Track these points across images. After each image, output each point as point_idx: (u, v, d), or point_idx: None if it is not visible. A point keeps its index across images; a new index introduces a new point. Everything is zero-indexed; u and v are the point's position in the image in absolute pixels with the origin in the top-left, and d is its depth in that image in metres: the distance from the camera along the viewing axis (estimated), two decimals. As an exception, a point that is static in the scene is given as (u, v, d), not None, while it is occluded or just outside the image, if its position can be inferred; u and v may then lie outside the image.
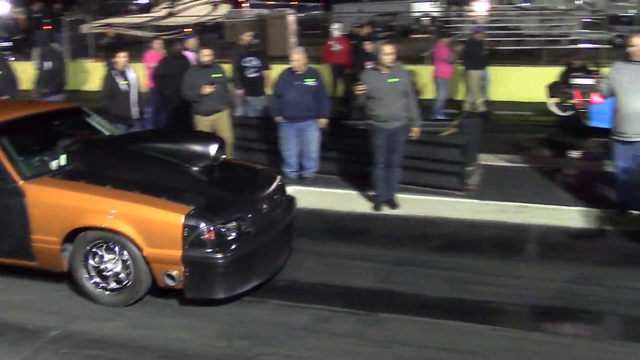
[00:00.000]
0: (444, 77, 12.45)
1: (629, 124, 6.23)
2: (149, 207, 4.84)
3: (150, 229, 4.78)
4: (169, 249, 4.73)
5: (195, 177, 5.35)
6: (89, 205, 4.94)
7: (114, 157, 5.59)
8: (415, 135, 7.07)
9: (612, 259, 5.84)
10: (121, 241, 4.85)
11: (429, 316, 4.82)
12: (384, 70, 6.88)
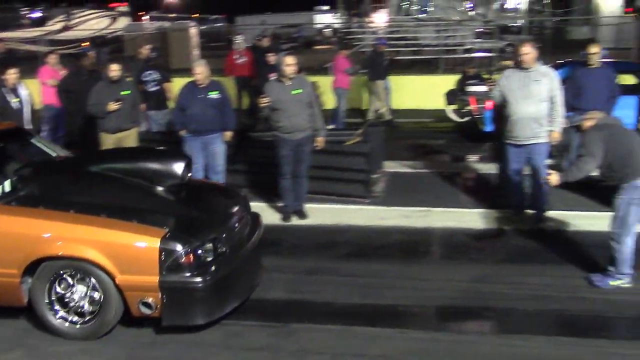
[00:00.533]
0: (343, 88, 12.66)
1: (521, 128, 6.54)
2: (120, 232, 4.54)
3: (123, 255, 4.49)
4: (145, 275, 4.46)
5: (163, 198, 5.04)
6: (52, 233, 4.56)
7: (72, 180, 5.16)
8: (320, 145, 7.16)
9: (510, 257, 6.13)
10: (91, 270, 4.52)
11: (340, 323, 4.88)
12: (287, 82, 6.92)
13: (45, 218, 4.63)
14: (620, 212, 5.23)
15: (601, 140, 5.20)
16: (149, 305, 4.51)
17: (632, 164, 5.17)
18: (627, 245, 5.23)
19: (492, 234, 6.76)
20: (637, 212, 5.20)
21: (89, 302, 4.62)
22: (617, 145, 5.21)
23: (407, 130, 12.72)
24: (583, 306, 5.04)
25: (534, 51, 6.50)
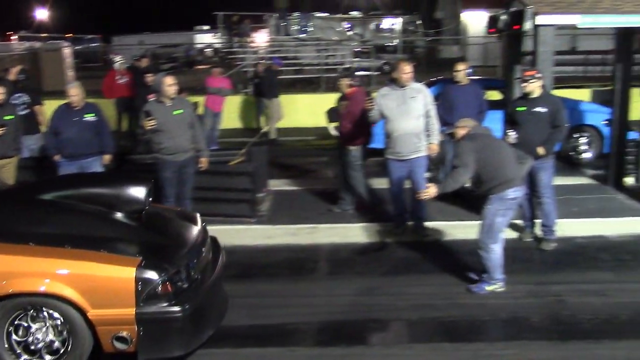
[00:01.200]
0: (212, 109, 12.28)
1: (402, 144, 6.78)
2: (90, 263, 4.19)
3: (95, 288, 4.15)
4: (120, 308, 4.14)
5: (127, 224, 4.71)
6: (11, 269, 4.14)
7: (24, 210, 4.71)
8: (204, 165, 7.08)
9: (394, 268, 6.32)
10: (56, 305, 4.15)
11: (230, 346, 4.83)
12: (168, 103, 6.81)
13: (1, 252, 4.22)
14: (487, 220, 5.53)
15: (473, 150, 5.46)
16: (123, 339, 4.20)
17: (501, 175, 5.47)
18: (495, 253, 5.54)
19: (376, 247, 6.94)
20: (503, 222, 5.54)
21: (52, 341, 4.24)
22: (488, 156, 5.49)
23: (291, 149, 12.86)
24: (462, 312, 5.29)
25: (411, 69, 6.78)
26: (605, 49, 18.84)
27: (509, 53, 9.13)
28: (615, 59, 8.92)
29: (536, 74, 6.52)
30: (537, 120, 6.45)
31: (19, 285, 4.13)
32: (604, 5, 7.51)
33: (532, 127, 6.45)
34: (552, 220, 6.73)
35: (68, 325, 4.20)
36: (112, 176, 6.21)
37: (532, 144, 6.39)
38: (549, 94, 6.78)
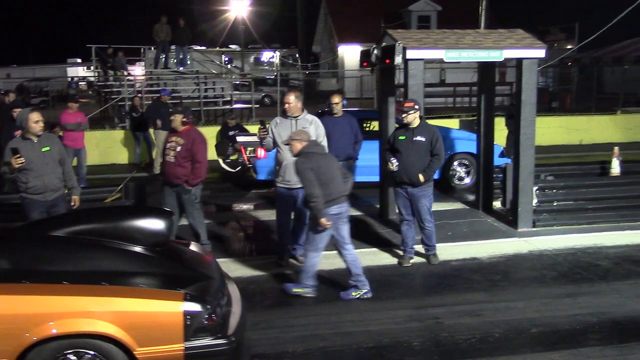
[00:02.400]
0: (73, 146, 11.32)
1: (291, 173, 6.78)
2: (134, 299, 3.95)
3: (140, 325, 3.90)
4: (168, 344, 3.92)
5: (154, 258, 4.45)
6: (50, 310, 3.79)
7: (45, 249, 4.35)
8: (76, 204, 6.74)
9: (278, 301, 6.28)
10: (99, 346, 3.86)
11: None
12: (35, 139, 6.45)
13: (35, 293, 3.88)
14: (311, 232, 6.12)
15: (309, 168, 5.88)
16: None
17: (327, 192, 5.90)
18: (311, 260, 6.11)
19: (260, 280, 6.88)
20: (325, 235, 6.04)
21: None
22: (320, 173, 5.91)
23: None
24: (348, 340, 5.32)
25: (298, 100, 6.90)
26: (471, 82, 20.12)
27: (382, 85, 9.50)
28: (479, 90, 9.53)
29: (415, 105, 6.88)
30: (417, 148, 6.87)
31: (59, 327, 3.82)
32: (466, 42, 8.01)
33: (413, 155, 6.86)
34: (434, 241, 7.21)
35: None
36: (131, 210, 5.90)
37: (414, 171, 6.84)
38: (427, 124, 7.16)
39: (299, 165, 5.95)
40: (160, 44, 19.97)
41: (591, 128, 17.95)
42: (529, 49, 8.02)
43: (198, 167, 7.14)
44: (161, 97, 13.91)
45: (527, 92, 8.10)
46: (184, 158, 7.11)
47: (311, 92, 25.67)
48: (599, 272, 6.82)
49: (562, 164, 10.95)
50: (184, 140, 7.15)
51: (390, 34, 8.21)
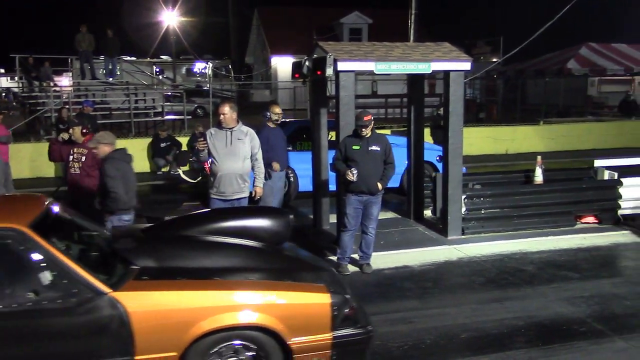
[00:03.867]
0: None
1: (226, 184, 6.80)
2: (288, 292, 4.21)
3: (293, 316, 4.13)
4: (317, 334, 4.16)
5: (283, 255, 4.95)
6: (212, 304, 3.99)
7: (182, 248, 4.65)
8: None
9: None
10: (256, 337, 4.07)
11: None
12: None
13: (196, 289, 4.09)
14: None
15: (116, 169, 6.09)
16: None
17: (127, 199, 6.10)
18: None
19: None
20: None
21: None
22: (124, 178, 6.13)
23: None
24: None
25: (233, 111, 6.86)
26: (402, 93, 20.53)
27: (315, 97, 9.57)
28: (409, 102, 9.74)
29: (372, 118, 7.03)
30: (373, 158, 7.01)
31: (223, 320, 4.00)
32: (395, 54, 8.19)
33: (370, 164, 6.99)
34: (372, 250, 7.31)
35: (265, 357, 4.13)
36: (253, 210, 6.10)
37: (372, 180, 6.98)
38: (378, 133, 7.30)
39: (110, 168, 6.09)
40: (83, 54, 19.50)
41: (516, 138, 18.63)
42: (455, 61, 8.27)
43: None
44: (84, 108, 13.59)
45: (454, 104, 8.34)
46: (90, 167, 7.02)
47: (244, 103, 25.58)
48: (524, 277, 7.07)
49: (489, 173, 11.30)
50: (87, 150, 7.07)
51: (321, 46, 8.30)
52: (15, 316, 3.77)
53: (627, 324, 5.72)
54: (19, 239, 3.92)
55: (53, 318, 3.82)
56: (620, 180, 9.19)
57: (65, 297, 3.85)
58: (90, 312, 3.85)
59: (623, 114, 22.01)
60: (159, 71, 30.75)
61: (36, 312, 3.81)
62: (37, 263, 3.90)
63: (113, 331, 3.87)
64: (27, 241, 3.92)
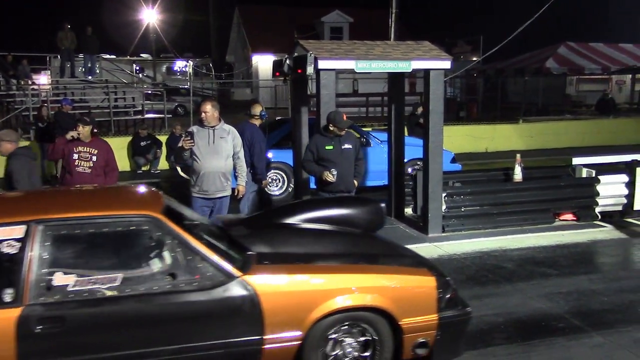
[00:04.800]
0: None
1: (208, 182, 6.76)
2: (397, 276, 4.49)
3: (405, 298, 4.39)
4: (425, 315, 4.41)
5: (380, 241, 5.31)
6: (333, 287, 4.25)
7: (290, 235, 5.07)
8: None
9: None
10: (371, 318, 4.31)
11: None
12: None
13: (316, 272, 4.36)
14: None
15: (23, 167, 6.24)
16: (424, 345, 4.44)
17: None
18: None
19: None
20: None
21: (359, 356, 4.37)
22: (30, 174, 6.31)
23: None
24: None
25: (215, 109, 6.83)
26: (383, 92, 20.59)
27: (295, 95, 9.57)
28: (389, 100, 9.78)
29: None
30: (347, 156, 7.04)
31: (344, 301, 4.23)
32: (376, 53, 8.21)
33: (345, 163, 7.02)
34: None
35: (378, 336, 4.35)
36: (350, 200, 6.42)
37: (350, 179, 7.05)
38: (349, 132, 7.28)
39: (15, 164, 6.26)
40: (65, 52, 19.29)
41: (496, 136, 18.78)
42: (436, 60, 8.32)
43: (114, 174, 7.19)
44: (63, 106, 13.45)
45: (434, 102, 8.38)
46: (101, 167, 7.04)
47: (225, 102, 25.49)
48: (504, 274, 7.13)
49: (469, 171, 11.38)
50: (97, 150, 7.03)
51: (302, 44, 8.30)
52: (156, 298, 3.97)
53: (604, 319, 5.79)
54: (155, 225, 4.13)
55: (190, 299, 4.03)
56: (597, 178, 9.30)
57: (200, 280, 4.07)
58: (224, 294, 4.07)
59: (600, 112, 22.29)
60: (138, 69, 30.56)
61: (175, 294, 4.01)
62: (173, 248, 4.12)
63: (245, 311, 4.10)
64: (162, 227, 4.14)
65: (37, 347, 3.74)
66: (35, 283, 3.81)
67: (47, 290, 3.82)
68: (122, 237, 4.12)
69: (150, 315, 3.97)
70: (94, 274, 3.94)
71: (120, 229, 4.11)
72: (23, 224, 3.92)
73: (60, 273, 3.89)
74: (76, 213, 4.15)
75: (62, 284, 3.86)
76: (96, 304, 3.86)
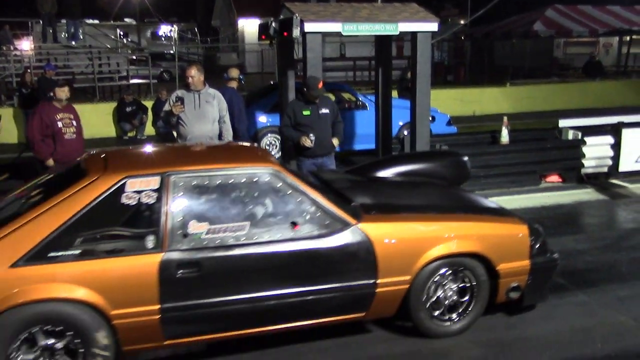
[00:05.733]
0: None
1: None
2: (494, 224, 4.82)
3: (501, 244, 4.71)
4: (519, 261, 4.75)
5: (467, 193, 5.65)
6: (437, 234, 4.58)
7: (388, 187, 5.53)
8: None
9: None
10: (470, 264, 4.66)
11: None
12: None
13: (420, 221, 4.66)
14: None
15: None
16: (517, 289, 4.79)
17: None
18: None
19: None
20: None
21: (460, 299, 4.72)
22: None
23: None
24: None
25: (200, 74, 6.77)
26: (370, 55, 20.46)
27: (282, 59, 9.49)
28: (376, 64, 9.72)
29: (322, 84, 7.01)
30: (324, 122, 7.00)
31: (448, 248, 4.55)
32: (362, 15, 8.14)
33: (323, 128, 6.99)
34: None
35: (475, 281, 4.69)
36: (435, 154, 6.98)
37: (326, 142, 7.01)
38: (324, 96, 7.23)
39: None
40: (46, 16, 18.91)
41: (483, 100, 18.75)
42: (423, 22, 8.26)
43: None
44: (46, 72, 13.25)
45: (421, 65, 8.35)
46: (81, 131, 7.05)
47: (211, 67, 25.24)
48: (490, 235, 7.19)
49: (457, 134, 11.39)
50: (73, 114, 7.04)
51: (288, 7, 8.20)
52: (280, 245, 4.26)
53: (588, 278, 5.89)
54: (276, 177, 4.42)
55: (310, 246, 4.30)
56: (583, 140, 9.35)
57: (320, 228, 4.33)
58: (341, 241, 4.34)
59: (587, 75, 22.29)
60: (123, 34, 30.12)
61: (296, 240, 4.28)
62: (294, 198, 4.38)
63: (361, 257, 4.36)
64: (283, 179, 4.42)
65: (177, 289, 4.02)
66: (173, 231, 4.07)
67: (184, 237, 4.09)
68: (247, 188, 4.36)
69: (275, 260, 4.26)
70: (223, 223, 4.21)
71: (245, 180, 4.35)
72: (157, 176, 4.16)
73: (194, 221, 4.13)
74: (204, 166, 4.40)
75: (196, 232, 4.11)
76: (227, 250, 4.13)
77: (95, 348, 3.89)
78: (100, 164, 4.35)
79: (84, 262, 3.89)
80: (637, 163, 9.57)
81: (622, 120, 9.52)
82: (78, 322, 3.84)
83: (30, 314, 3.77)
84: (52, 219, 3.88)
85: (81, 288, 3.83)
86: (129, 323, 3.94)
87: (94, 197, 3.99)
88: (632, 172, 9.53)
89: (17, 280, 3.74)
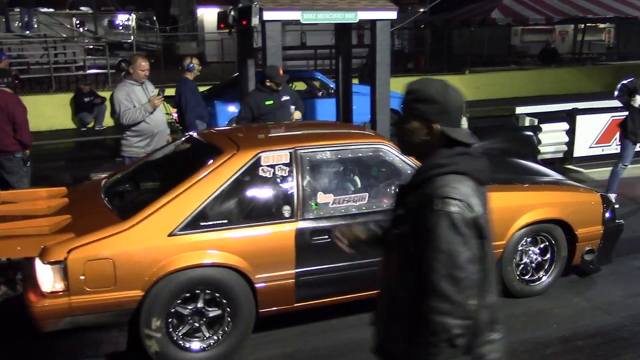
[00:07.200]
0: None
1: (161, 140, 6.62)
2: (573, 193, 5.50)
3: (580, 212, 5.27)
4: (594, 226, 5.36)
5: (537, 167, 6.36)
6: (526, 203, 5.13)
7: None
8: None
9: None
10: (552, 230, 5.22)
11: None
12: None
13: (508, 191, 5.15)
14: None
15: None
16: (591, 252, 5.41)
17: None
18: None
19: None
20: None
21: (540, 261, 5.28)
22: None
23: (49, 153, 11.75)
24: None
25: (147, 65, 6.63)
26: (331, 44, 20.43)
27: (242, 48, 9.43)
28: (337, 53, 9.74)
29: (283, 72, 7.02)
30: (286, 108, 7.04)
31: (534, 215, 5.10)
32: (322, 3, 8.14)
33: (285, 113, 7.01)
34: None
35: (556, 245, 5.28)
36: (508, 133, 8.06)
37: None
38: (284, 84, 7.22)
39: None
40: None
41: (443, 87, 18.92)
42: (382, 10, 8.31)
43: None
44: (1, 61, 12.89)
45: (381, 53, 8.40)
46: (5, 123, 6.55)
47: (171, 56, 24.89)
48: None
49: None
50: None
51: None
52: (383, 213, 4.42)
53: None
54: (386, 152, 4.82)
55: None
56: (539, 126, 9.54)
57: None
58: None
59: (543, 62, 22.68)
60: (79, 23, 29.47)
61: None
62: (405, 170, 4.75)
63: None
64: (392, 154, 4.81)
65: (311, 254, 4.41)
66: (305, 201, 4.47)
67: (314, 207, 4.50)
68: (363, 161, 4.82)
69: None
70: (345, 194, 4.63)
71: (361, 155, 4.79)
72: (287, 150, 4.53)
73: (321, 193, 4.55)
74: (327, 142, 4.79)
75: (324, 202, 4.52)
76: (353, 219, 4.43)
77: (240, 310, 4.25)
78: (229, 141, 4.67)
79: (231, 230, 4.25)
80: (592, 149, 9.82)
81: (577, 107, 9.74)
82: (227, 286, 4.20)
83: (186, 279, 4.11)
84: (201, 192, 4.22)
85: (229, 254, 4.20)
86: (268, 287, 4.32)
87: (235, 170, 4.34)
88: (587, 157, 9.78)
89: (175, 247, 4.06)
